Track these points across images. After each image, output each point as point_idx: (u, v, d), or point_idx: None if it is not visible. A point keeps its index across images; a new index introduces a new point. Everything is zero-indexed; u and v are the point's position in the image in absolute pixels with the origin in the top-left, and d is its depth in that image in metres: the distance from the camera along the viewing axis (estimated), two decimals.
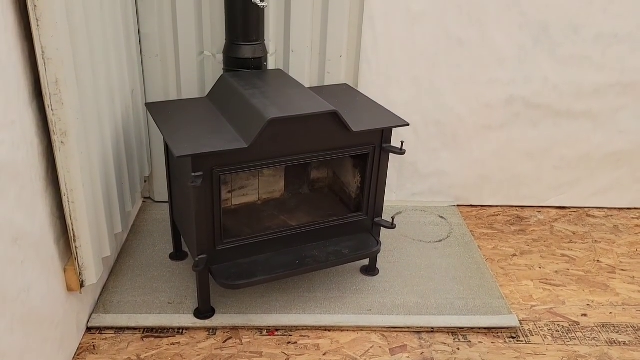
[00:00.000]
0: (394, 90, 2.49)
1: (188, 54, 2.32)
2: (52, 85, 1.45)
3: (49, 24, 1.39)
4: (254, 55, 2.13)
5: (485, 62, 2.44)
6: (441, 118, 2.57)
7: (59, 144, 1.53)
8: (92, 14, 1.68)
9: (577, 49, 2.40)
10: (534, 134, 2.61)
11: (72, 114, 1.52)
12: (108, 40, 1.86)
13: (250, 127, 1.78)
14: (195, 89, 2.38)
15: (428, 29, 2.37)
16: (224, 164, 1.77)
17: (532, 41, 2.39)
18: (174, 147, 1.69)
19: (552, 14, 2.33)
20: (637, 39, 2.38)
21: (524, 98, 2.51)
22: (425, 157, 2.67)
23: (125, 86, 2.08)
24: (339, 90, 2.28)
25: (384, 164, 2.04)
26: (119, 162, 2.02)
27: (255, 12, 2.06)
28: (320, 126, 1.85)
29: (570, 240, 2.55)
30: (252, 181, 2.26)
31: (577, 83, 2.48)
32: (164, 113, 1.95)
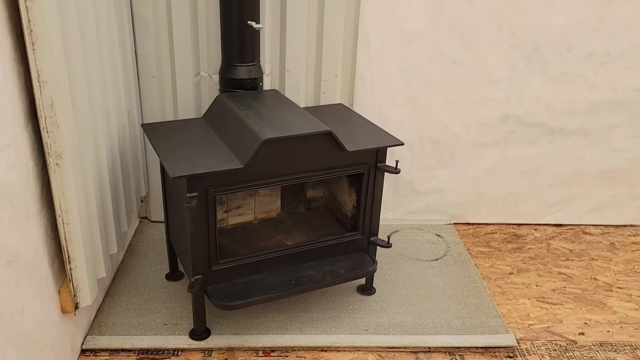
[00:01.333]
0: (390, 110, 2.51)
1: (184, 75, 2.34)
2: (48, 108, 1.47)
3: (44, 48, 1.40)
4: (249, 76, 2.15)
5: (479, 82, 2.46)
6: (437, 137, 2.58)
7: (53, 166, 1.54)
8: (88, 36, 1.70)
9: (569, 67, 2.42)
10: (529, 152, 2.62)
11: (67, 135, 1.53)
12: (104, 62, 1.87)
13: (245, 148, 1.78)
14: (191, 110, 2.39)
15: (422, 49, 2.40)
16: (219, 185, 1.78)
17: (525, 60, 2.41)
18: (169, 168, 1.70)
19: (544, 34, 2.36)
20: (629, 57, 2.40)
21: (518, 116, 2.53)
22: (422, 176, 2.68)
23: (121, 107, 2.10)
24: (334, 110, 2.30)
25: (379, 183, 2.05)
26: (115, 183, 2.03)
27: (250, 33, 2.08)
28: (315, 146, 1.86)
29: (567, 258, 2.55)
30: (248, 201, 2.26)
31: (570, 101, 2.50)
32: (160, 134, 1.96)
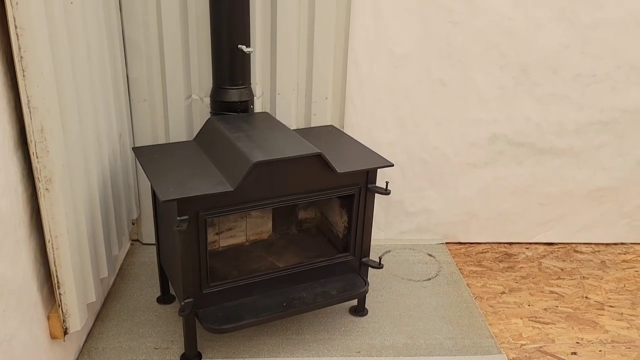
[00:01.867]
0: (380, 131, 2.53)
1: (176, 98, 2.35)
2: (38, 134, 1.47)
3: (35, 74, 1.41)
4: (240, 98, 2.16)
5: (468, 102, 2.49)
6: (427, 157, 2.60)
7: (43, 191, 1.54)
8: (79, 61, 1.71)
9: (556, 88, 2.46)
10: (518, 172, 2.64)
11: (57, 160, 1.53)
12: (95, 86, 1.88)
13: (236, 171, 1.79)
14: (183, 132, 2.40)
15: (411, 71, 2.43)
16: (209, 207, 1.78)
17: (513, 81, 2.45)
18: (160, 191, 1.70)
19: (531, 55, 2.40)
20: (614, 78, 2.44)
21: (507, 136, 2.56)
22: (412, 196, 2.69)
23: (112, 130, 2.10)
24: (324, 132, 2.32)
25: (370, 205, 2.06)
26: (106, 206, 2.02)
27: (241, 57, 2.11)
28: (305, 168, 1.87)
29: (559, 277, 2.56)
30: (239, 222, 2.26)
31: (558, 121, 2.53)
32: (151, 157, 1.97)
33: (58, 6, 1.51)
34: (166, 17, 2.21)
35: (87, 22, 1.79)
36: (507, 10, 2.32)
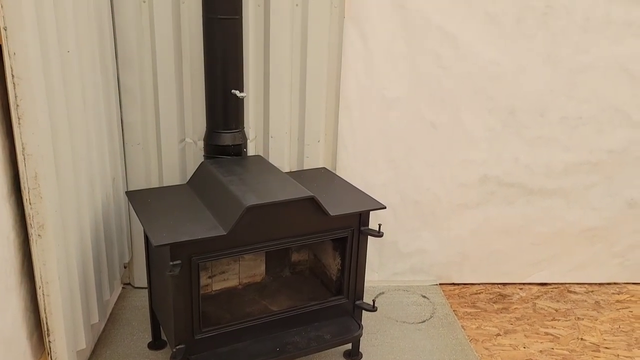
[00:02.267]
0: (372, 173, 2.56)
1: (170, 142, 2.38)
2: (31, 180, 1.48)
3: (30, 122, 1.43)
4: (233, 142, 2.19)
5: (458, 144, 2.53)
6: (419, 198, 2.62)
7: (35, 237, 1.53)
8: (75, 107, 1.74)
9: (544, 131, 2.51)
10: (509, 212, 2.66)
11: (50, 207, 1.54)
12: (90, 131, 1.91)
13: (229, 214, 1.80)
14: (176, 176, 2.42)
15: (402, 114, 2.47)
16: (202, 252, 1.78)
17: (501, 124, 2.49)
18: (152, 236, 1.70)
19: (518, 99, 2.45)
20: (600, 121, 2.50)
21: (497, 177, 2.59)
22: (405, 237, 2.70)
23: (106, 175, 2.12)
24: (317, 174, 2.34)
25: (363, 247, 2.06)
26: (98, 251, 2.02)
27: (234, 101, 2.14)
28: (298, 211, 1.88)
29: (553, 318, 2.54)
30: (232, 265, 2.26)
31: (547, 163, 2.57)
32: (144, 201, 1.98)
33: (55, 55, 1.55)
34: (161, 63, 2.25)
35: (83, 69, 1.82)
36: (493, 55, 2.38)
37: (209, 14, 2.05)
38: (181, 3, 2.19)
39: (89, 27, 1.86)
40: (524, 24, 2.34)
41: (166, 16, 2.19)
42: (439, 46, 2.36)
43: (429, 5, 2.31)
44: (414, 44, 2.36)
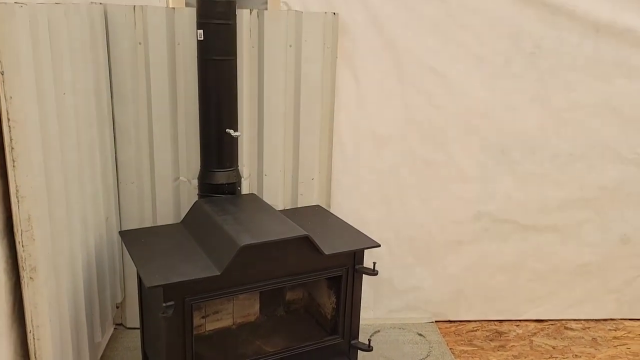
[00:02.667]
0: (366, 209, 2.56)
1: (164, 180, 2.38)
2: (24, 222, 1.47)
3: (24, 164, 1.43)
4: (227, 181, 2.20)
5: (451, 181, 2.54)
6: (413, 234, 2.62)
7: (27, 280, 1.52)
8: (69, 148, 1.75)
9: (536, 168, 2.53)
10: (504, 248, 2.66)
11: (42, 249, 1.53)
12: (84, 171, 1.91)
13: (223, 254, 1.79)
14: (170, 214, 2.41)
15: (395, 152, 2.49)
16: (196, 293, 1.76)
17: (494, 161, 2.52)
18: (146, 277, 1.69)
19: (509, 136, 2.48)
20: (590, 157, 2.53)
21: (491, 214, 2.60)
22: (400, 273, 2.69)
23: (99, 214, 2.11)
24: (311, 212, 2.34)
25: (358, 285, 2.05)
26: (90, 292, 1.99)
27: (229, 140, 2.16)
28: (292, 250, 1.88)
29: (551, 356, 2.52)
30: (226, 305, 2.23)
31: (539, 199, 2.58)
32: (138, 241, 1.96)
33: (50, 98, 1.56)
34: (156, 102, 2.27)
35: (79, 110, 1.84)
36: (483, 94, 2.43)
37: (204, 55, 2.09)
38: (176, 45, 2.22)
39: (84, 68, 1.89)
40: (512, 64, 2.39)
41: (161, 57, 2.22)
42: (430, 85, 2.41)
43: (420, 46, 2.36)
44: (406, 83, 2.41)
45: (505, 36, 2.35)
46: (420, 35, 2.35)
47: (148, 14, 2.16)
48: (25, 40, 1.40)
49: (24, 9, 1.39)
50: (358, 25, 2.33)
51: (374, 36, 2.35)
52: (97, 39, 2.03)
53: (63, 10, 1.65)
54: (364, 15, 2.32)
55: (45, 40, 1.52)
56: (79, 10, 1.81)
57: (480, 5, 2.31)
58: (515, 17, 2.32)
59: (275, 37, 2.28)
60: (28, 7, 1.41)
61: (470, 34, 2.34)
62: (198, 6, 2.05)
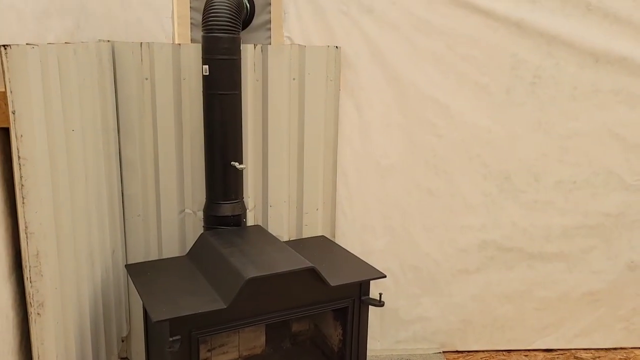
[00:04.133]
0: (370, 239, 2.57)
1: (169, 212, 2.39)
2: (33, 258, 1.48)
3: (34, 201, 1.45)
4: (233, 212, 2.21)
5: (455, 210, 2.55)
6: (418, 264, 2.62)
7: (34, 316, 1.52)
8: (77, 184, 1.77)
9: (539, 195, 2.54)
10: (510, 277, 2.65)
11: (50, 284, 1.53)
12: (91, 206, 1.92)
13: (229, 287, 1.79)
14: (175, 247, 2.42)
15: (398, 181, 2.51)
16: (202, 326, 1.76)
17: (497, 189, 2.53)
18: (152, 311, 1.69)
19: (512, 164, 2.50)
20: (594, 184, 2.54)
21: (496, 242, 2.59)
22: (406, 303, 2.67)
23: (106, 248, 2.12)
24: (316, 243, 2.35)
25: (364, 317, 2.04)
26: (96, 326, 1.99)
27: (234, 173, 2.18)
28: (298, 282, 1.88)
29: None
30: (232, 338, 2.22)
31: (544, 227, 2.58)
32: (144, 275, 1.97)
33: (59, 136, 1.59)
34: (162, 136, 2.30)
35: (87, 145, 1.86)
36: (485, 123, 2.45)
37: (209, 90, 2.13)
38: (182, 80, 2.26)
39: (93, 104, 1.92)
40: (513, 93, 2.42)
41: (168, 92, 2.26)
42: (432, 115, 2.43)
43: (422, 77, 2.39)
44: (408, 114, 2.44)
45: (506, 66, 2.39)
46: (421, 66, 2.39)
47: (155, 51, 2.20)
48: (36, 80, 1.44)
49: (36, 50, 1.43)
50: (360, 58, 2.38)
51: (376, 68, 2.39)
52: (105, 76, 2.07)
53: (72, 49, 1.70)
54: (366, 49, 2.37)
55: (55, 79, 1.56)
56: (87, 48, 1.85)
57: (479, 36, 2.35)
58: (513, 47, 2.36)
59: (279, 71, 2.32)
60: (39, 48, 1.45)
61: (470, 64, 2.38)
62: (203, 42, 2.10)
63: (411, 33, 2.36)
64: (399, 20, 2.35)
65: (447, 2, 2.32)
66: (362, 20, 2.35)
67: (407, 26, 2.35)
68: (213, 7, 2.06)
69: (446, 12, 2.33)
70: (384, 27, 2.35)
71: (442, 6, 2.33)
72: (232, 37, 2.08)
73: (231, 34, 2.07)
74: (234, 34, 2.09)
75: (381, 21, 2.35)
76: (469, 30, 2.35)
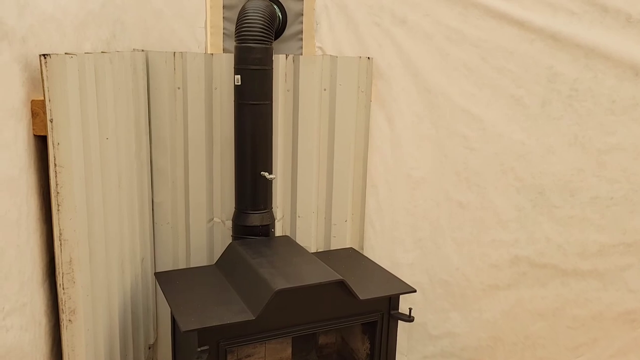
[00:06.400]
0: (400, 252, 2.53)
1: (198, 221, 2.40)
2: (66, 265, 1.50)
3: (69, 208, 1.47)
4: (262, 222, 2.21)
5: (487, 224, 2.50)
6: (448, 278, 2.57)
7: (66, 322, 1.53)
8: (110, 191, 1.78)
9: (575, 211, 2.47)
10: (543, 294, 2.58)
11: (82, 292, 1.54)
12: (123, 213, 1.94)
13: (257, 298, 1.78)
14: (204, 255, 2.42)
15: (428, 194, 2.47)
16: (230, 337, 1.75)
17: (530, 204, 2.47)
18: (181, 320, 1.69)
19: (546, 179, 2.44)
20: (632, 201, 2.45)
21: (529, 258, 2.53)
22: (435, 318, 2.62)
23: (136, 255, 2.13)
24: (345, 255, 2.32)
25: (393, 331, 2.01)
26: (125, 333, 2.00)
27: (263, 183, 2.18)
28: (327, 295, 1.86)
29: None
30: (258, 349, 2.21)
31: (579, 243, 2.51)
32: (173, 283, 1.97)
33: (95, 143, 1.61)
34: (192, 145, 2.32)
35: (120, 153, 1.88)
36: (519, 136, 2.40)
37: (240, 100, 2.13)
38: (214, 89, 2.27)
39: (126, 112, 1.94)
40: (549, 106, 2.37)
41: (199, 101, 2.28)
42: (464, 128, 2.40)
43: (454, 89, 2.36)
44: (440, 126, 2.40)
45: (541, 79, 2.34)
46: (454, 78, 2.36)
47: (187, 60, 2.22)
48: (73, 89, 1.46)
49: (74, 60, 1.45)
50: (392, 69, 2.36)
51: (408, 80, 2.37)
52: (139, 84, 2.09)
53: (109, 59, 1.72)
54: (398, 60, 2.35)
55: (91, 88, 1.58)
56: (123, 58, 1.88)
57: (514, 48, 2.31)
58: (549, 59, 2.31)
59: (310, 81, 2.32)
60: (77, 57, 1.47)
61: (505, 76, 2.34)
62: (236, 52, 2.11)
63: (444, 44, 2.33)
64: (431, 31, 2.32)
65: (481, 14, 2.29)
66: (395, 31, 2.33)
67: (440, 37, 2.33)
68: (247, 17, 2.06)
69: (480, 23, 2.30)
70: (417, 38, 2.33)
71: (476, 17, 2.30)
72: (265, 48, 2.08)
73: (264, 45, 2.08)
74: (266, 45, 2.09)
75: (414, 32, 2.33)
76: (504, 42, 2.31)
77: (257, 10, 2.08)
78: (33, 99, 1.39)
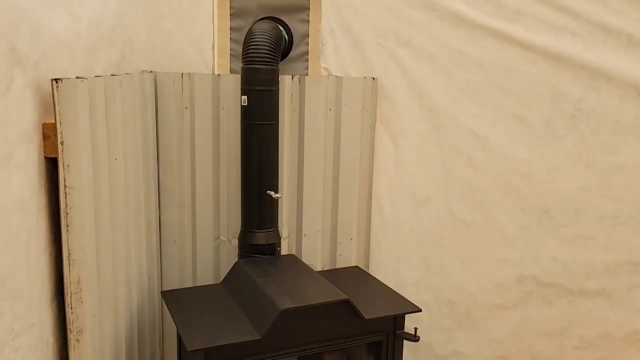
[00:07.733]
0: (405, 271, 2.53)
1: (205, 239, 2.42)
2: (74, 285, 1.51)
3: (78, 229, 1.49)
4: (267, 241, 2.22)
5: (492, 243, 2.50)
6: (453, 297, 2.57)
7: (73, 342, 1.54)
8: (118, 211, 1.80)
9: (580, 230, 2.47)
10: (549, 313, 2.57)
11: (90, 311, 1.56)
12: (130, 233, 1.96)
13: (263, 317, 1.79)
14: (210, 274, 2.44)
15: (434, 213, 2.48)
16: (236, 356, 1.76)
17: (536, 223, 2.47)
18: (187, 340, 1.70)
19: (552, 198, 2.44)
20: (638, 220, 2.45)
21: (535, 277, 2.52)
22: (440, 337, 2.61)
23: (142, 274, 2.15)
24: (350, 274, 2.33)
25: (399, 351, 2.01)
26: (131, 352, 2.00)
27: (269, 202, 2.20)
28: (333, 314, 1.86)
29: None
30: None
31: (586, 262, 2.50)
32: (179, 302, 1.99)
33: (103, 165, 1.63)
34: (199, 164, 2.34)
35: (128, 173, 1.91)
36: (524, 155, 2.41)
37: (247, 120, 2.16)
38: (221, 109, 2.31)
39: (134, 132, 1.97)
40: (553, 126, 2.38)
41: (206, 121, 2.31)
42: (469, 147, 2.41)
43: (459, 109, 2.38)
44: (445, 146, 2.42)
45: (545, 99, 2.36)
46: (458, 98, 2.38)
47: (195, 81, 2.26)
48: (84, 112, 1.49)
49: (84, 83, 1.48)
50: (397, 89, 2.39)
51: (413, 100, 2.39)
52: (147, 105, 2.12)
53: (118, 81, 1.75)
54: (403, 80, 2.38)
55: (101, 110, 1.61)
56: (132, 79, 1.91)
57: (517, 68, 2.33)
58: (553, 79, 2.33)
59: (315, 102, 2.34)
60: (88, 81, 1.50)
61: (509, 96, 2.36)
62: (243, 73, 2.14)
63: (448, 65, 2.36)
64: (436, 52, 2.35)
65: (484, 35, 2.32)
66: (400, 52, 2.37)
67: (445, 58, 2.36)
68: (253, 39, 2.10)
69: (484, 44, 2.33)
70: (421, 59, 2.36)
71: (480, 39, 2.33)
72: (271, 69, 2.12)
73: (270, 66, 2.11)
74: (273, 66, 2.12)
75: (418, 53, 2.36)
76: (508, 62, 2.33)
77: (264, 32, 2.12)
78: (44, 122, 1.42)
